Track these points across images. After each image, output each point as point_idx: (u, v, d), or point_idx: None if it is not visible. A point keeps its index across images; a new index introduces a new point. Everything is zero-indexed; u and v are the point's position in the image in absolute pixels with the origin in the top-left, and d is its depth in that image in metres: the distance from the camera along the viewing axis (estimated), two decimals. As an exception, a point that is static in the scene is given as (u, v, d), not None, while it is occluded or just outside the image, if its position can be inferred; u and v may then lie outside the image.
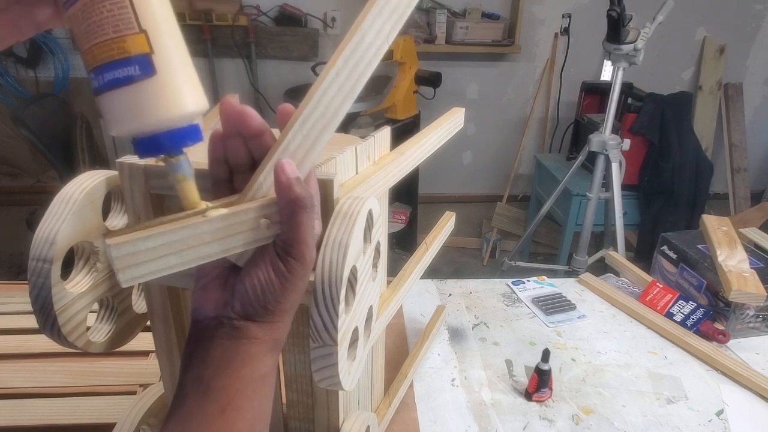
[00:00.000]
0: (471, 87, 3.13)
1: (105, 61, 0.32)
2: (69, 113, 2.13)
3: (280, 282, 0.37)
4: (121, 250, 0.32)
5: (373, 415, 0.64)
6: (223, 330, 0.38)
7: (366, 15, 0.39)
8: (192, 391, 0.37)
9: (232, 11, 2.64)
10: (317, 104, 0.38)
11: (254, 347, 0.38)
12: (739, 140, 3.23)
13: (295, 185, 0.36)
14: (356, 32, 0.38)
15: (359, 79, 0.40)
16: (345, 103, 0.39)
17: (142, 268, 0.33)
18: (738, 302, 0.93)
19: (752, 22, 3.14)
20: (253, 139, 0.38)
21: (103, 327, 0.52)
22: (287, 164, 0.37)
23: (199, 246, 0.35)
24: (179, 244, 0.34)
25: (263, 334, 0.38)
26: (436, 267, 3.02)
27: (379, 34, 0.40)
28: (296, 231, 0.37)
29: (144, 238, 0.32)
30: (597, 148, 2.01)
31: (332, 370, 0.42)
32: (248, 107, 0.38)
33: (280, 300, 0.38)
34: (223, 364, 0.37)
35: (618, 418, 0.79)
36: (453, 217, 0.82)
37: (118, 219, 0.51)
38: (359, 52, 0.39)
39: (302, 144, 0.38)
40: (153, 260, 0.33)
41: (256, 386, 0.38)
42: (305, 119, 0.38)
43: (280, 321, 0.39)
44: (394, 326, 0.98)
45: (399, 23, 0.41)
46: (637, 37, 1.82)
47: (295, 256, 0.37)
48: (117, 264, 0.32)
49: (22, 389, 0.79)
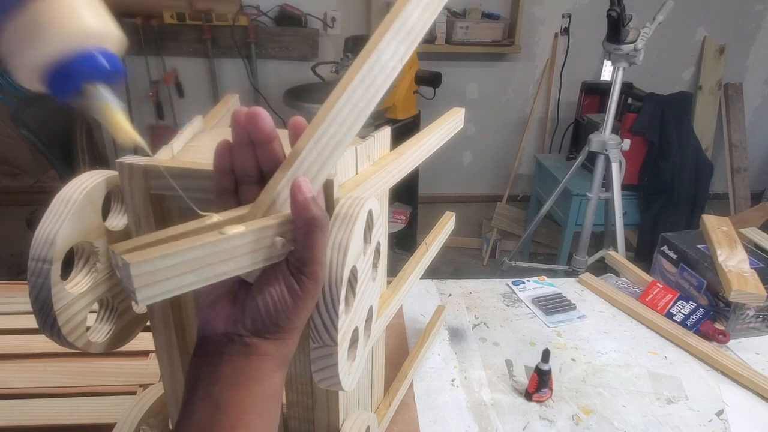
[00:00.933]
0: (471, 87, 3.13)
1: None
2: (69, 113, 2.13)
3: (293, 300, 0.37)
4: (141, 268, 0.31)
5: (373, 415, 0.64)
6: (234, 347, 0.37)
7: (383, 35, 0.39)
8: (201, 407, 0.37)
9: (232, 11, 2.64)
10: (332, 122, 0.38)
11: (265, 364, 0.38)
12: (739, 140, 3.23)
13: (312, 205, 0.36)
14: (373, 52, 0.39)
15: (372, 99, 0.40)
16: (358, 121, 0.40)
17: (159, 287, 0.32)
18: (738, 302, 0.93)
19: (752, 22, 3.14)
20: (262, 146, 0.38)
21: (103, 327, 0.51)
22: (304, 183, 0.36)
23: (216, 264, 0.34)
24: (197, 262, 0.33)
25: (274, 351, 0.38)
26: (436, 267, 3.02)
27: (394, 54, 0.40)
28: (311, 251, 0.37)
29: (163, 256, 0.31)
30: (597, 148, 2.01)
31: (332, 371, 0.42)
32: (259, 108, 0.37)
33: (291, 318, 0.38)
34: (233, 380, 0.37)
35: (618, 418, 0.79)
36: (453, 218, 0.82)
37: (118, 219, 0.51)
38: (374, 72, 0.39)
39: (316, 161, 0.38)
40: (171, 278, 0.32)
41: (266, 403, 0.38)
42: (320, 137, 0.38)
43: (289, 338, 0.39)
44: (394, 326, 0.98)
45: (413, 46, 0.41)
46: (637, 37, 1.82)
47: (308, 275, 0.37)
48: (136, 283, 0.31)
49: (22, 389, 0.79)
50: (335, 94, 0.39)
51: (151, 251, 0.31)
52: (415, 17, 0.41)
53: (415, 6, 0.41)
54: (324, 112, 0.38)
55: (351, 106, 0.39)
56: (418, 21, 0.42)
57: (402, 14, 0.40)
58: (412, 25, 0.41)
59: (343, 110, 0.39)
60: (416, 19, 0.41)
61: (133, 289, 0.31)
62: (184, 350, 0.56)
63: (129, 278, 0.31)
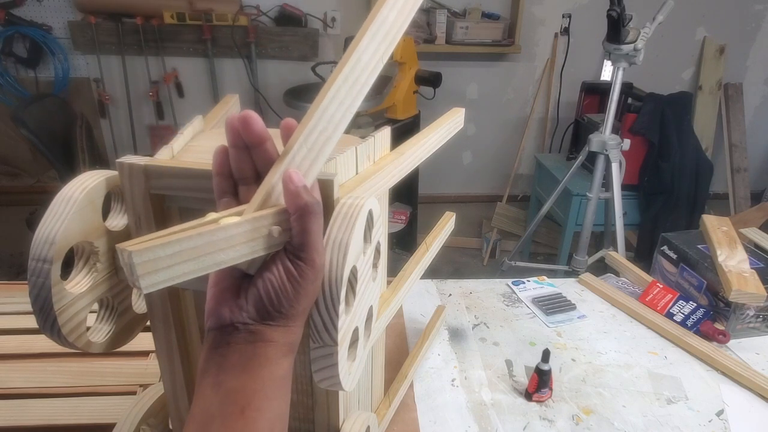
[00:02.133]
0: (471, 87, 3.13)
1: None
2: (69, 113, 2.13)
3: (293, 286, 0.38)
4: (143, 256, 0.32)
5: (373, 415, 0.64)
6: (240, 335, 0.39)
7: (362, 37, 0.42)
8: (211, 394, 0.38)
9: (232, 11, 2.64)
10: (320, 119, 0.41)
11: (271, 350, 0.39)
12: (739, 140, 3.23)
13: (303, 193, 0.38)
14: (353, 53, 0.42)
15: (357, 96, 0.43)
16: (345, 117, 0.42)
17: (162, 274, 0.33)
18: (738, 302, 0.93)
19: (752, 22, 3.14)
20: (256, 147, 0.40)
21: (103, 327, 0.52)
22: (294, 173, 0.38)
23: (214, 252, 0.36)
24: (197, 251, 0.35)
25: (278, 337, 0.39)
26: (436, 267, 3.02)
27: (375, 54, 0.43)
28: (306, 236, 0.38)
29: (163, 245, 0.33)
30: (597, 148, 2.01)
31: (332, 371, 0.42)
32: (250, 111, 0.39)
33: (293, 304, 0.39)
34: (240, 367, 0.38)
35: (618, 418, 0.79)
36: (453, 218, 0.82)
37: (118, 219, 0.51)
38: (357, 71, 0.42)
39: (307, 156, 0.40)
40: (172, 266, 0.34)
41: (275, 387, 0.39)
42: (309, 133, 0.40)
43: (293, 324, 0.40)
44: (394, 326, 0.98)
45: (392, 45, 0.45)
46: (637, 37, 1.82)
47: (305, 261, 0.38)
48: (139, 270, 0.32)
49: (22, 389, 0.79)
50: (321, 93, 0.41)
51: (152, 241, 0.33)
52: (392, 19, 0.44)
53: (391, 8, 0.44)
54: (312, 111, 0.41)
55: (337, 104, 0.42)
56: (395, 23, 0.45)
57: (378, 16, 0.43)
58: (389, 26, 0.44)
59: (330, 108, 0.41)
60: (392, 21, 0.44)
61: (137, 276, 0.32)
62: (184, 350, 0.56)
63: (132, 267, 0.32)
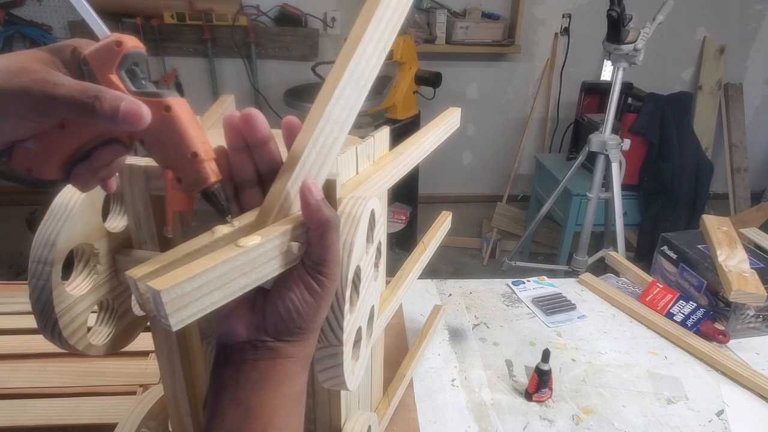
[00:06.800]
0: (471, 87, 3.13)
1: None
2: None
3: (315, 300, 0.38)
4: (171, 294, 0.30)
5: (374, 415, 0.64)
6: (259, 353, 0.38)
7: (366, 27, 0.40)
8: (231, 412, 0.37)
9: (232, 11, 2.64)
10: (327, 120, 0.39)
11: (290, 366, 0.38)
12: (739, 140, 3.23)
13: (324, 207, 0.37)
14: (358, 44, 0.40)
15: (361, 93, 0.41)
16: (350, 117, 0.41)
17: (190, 309, 0.32)
18: (738, 302, 0.93)
19: (752, 22, 3.14)
20: (259, 148, 0.38)
21: (103, 329, 0.51)
22: (313, 185, 0.37)
23: (238, 278, 0.34)
24: (222, 279, 0.33)
25: (297, 353, 0.39)
26: (436, 267, 3.02)
27: (377, 45, 0.41)
28: (327, 251, 0.37)
29: (190, 278, 0.31)
30: (597, 148, 2.01)
31: (338, 370, 0.42)
32: (253, 109, 0.37)
33: (313, 318, 0.38)
34: (261, 384, 0.37)
35: (618, 418, 0.79)
36: (449, 217, 0.82)
37: (118, 220, 0.51)
38: (361, 65, 0.40)
39: (316, 160, 0.39)
40: (199, 299, 0.32)
41: (294, 404, 0.39)
42: (318, 135, 0.38)
43: (311, 337, 0.39)
44: (394, 326, 0.98)
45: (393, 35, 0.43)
46: (637, 37, 1.82)
47: (326, 275, 0.38)
48: (168, 308, 0.30)
49: (22, 389, 0.79)
50: (327, 91, 0.39)
51: (176, 275, 0.31)
52: (393, 6, 0.42)
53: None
54: (318, 111, 0.39)
55: (343, 102, 0.40)
56: (396, 9, 0.43)
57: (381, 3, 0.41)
58: (391, 14, 0.42)
59: (336, 107, 0.40)
60: (394, 8, 0.43)
61: (166, 315, 0.30)
62: (184, 350, 0.56)
63: (160, 305, 0.30)
